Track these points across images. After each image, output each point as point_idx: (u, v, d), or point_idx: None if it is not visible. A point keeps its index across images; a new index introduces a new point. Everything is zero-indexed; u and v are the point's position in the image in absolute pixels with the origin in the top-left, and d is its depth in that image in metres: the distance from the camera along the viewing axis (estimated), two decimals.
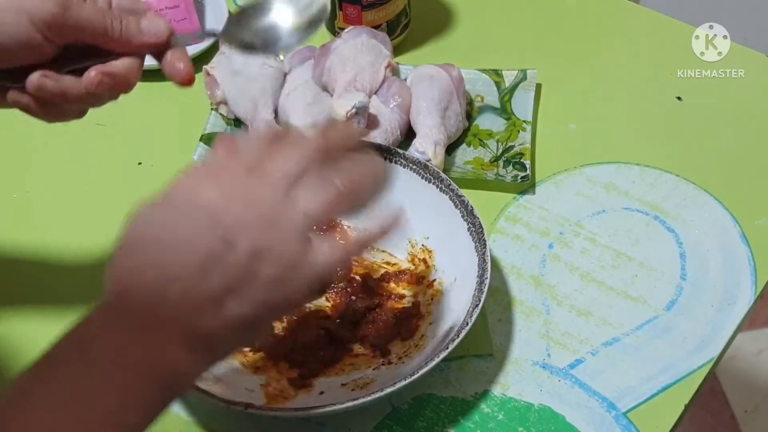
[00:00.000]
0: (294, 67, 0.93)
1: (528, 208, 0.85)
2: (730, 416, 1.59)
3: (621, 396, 0.72)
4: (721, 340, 0.75)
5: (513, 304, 0.78)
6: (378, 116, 0.87)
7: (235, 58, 0.92)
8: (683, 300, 0.78)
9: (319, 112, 0.89)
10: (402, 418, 0.71)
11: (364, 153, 0.56)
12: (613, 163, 0.89)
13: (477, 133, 0.91)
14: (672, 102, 0.95)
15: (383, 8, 0.97)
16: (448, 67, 0.91)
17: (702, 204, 0.85)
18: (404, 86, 0.90)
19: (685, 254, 0.81)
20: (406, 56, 1.01)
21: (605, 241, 0.82)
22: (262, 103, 0.89)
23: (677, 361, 0.74)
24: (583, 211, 0.85)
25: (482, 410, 0.71)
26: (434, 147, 0.84)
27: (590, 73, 0.99)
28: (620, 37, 1.05)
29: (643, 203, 0.85)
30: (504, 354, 0.75)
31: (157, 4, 1.00)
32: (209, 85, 0.93)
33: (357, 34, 0.92)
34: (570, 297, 0.78)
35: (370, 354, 0.73)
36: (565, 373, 0.73)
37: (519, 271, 0.80)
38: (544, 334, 0.76)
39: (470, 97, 0.94)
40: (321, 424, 0.70)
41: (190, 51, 0.99)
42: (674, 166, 0.88)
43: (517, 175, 0.85)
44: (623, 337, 0.76)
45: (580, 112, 0.94)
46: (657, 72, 0.98)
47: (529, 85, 0.93)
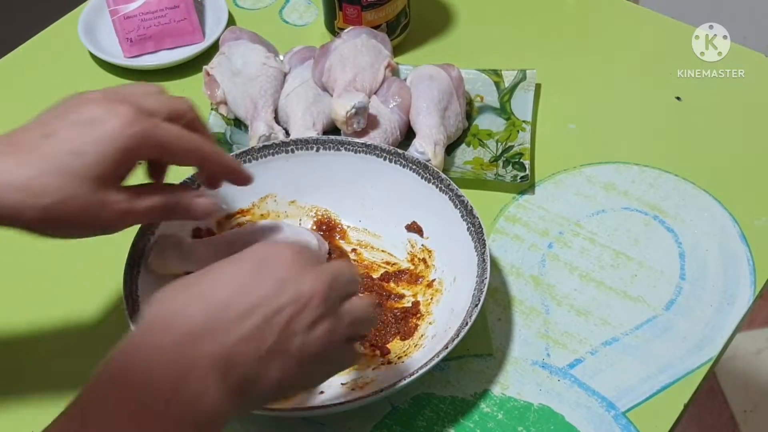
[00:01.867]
0: (294, 67, 0.93)
1: (527, 208, 0.85)
2: (729, 416, 1.59)
3: (620, 395, 0.72)
4: (720, 340, 0.75)
5: (512, 304, 0.78)
6: (378, 116, 0.87)
7: (235, 59, 0.92)
8: (682, 300, 0.78)
9: (319, 112, 0.89)
10: (402, 417, 0.71)
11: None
12: (613, 163, 0.89)
13: (476, 133, 0.91)
14: (671, 102, 0.95)
15: (383, 8, 0.97)
16: (448, 67, 0.91)
17: (701, 204, 0.85)
18: (404, 86, 0.90)
19: (684, 254, 0.81)
20: (406, 56, 1.01)
21: (605, 240, 0.82)
22: (262, 103, 0.89)
23: (676, 361, 0.74)
24: (583, 211, 0.85)
25: (482, 410, 0.71)
26: (434, 147, 0.84)
27: (590, 73, 0.99)
28: (620, 38, 1.05)
29: (642, 203, 0.85)
30: (503, 354, 0.75)
31: (157, 5, 1.01)
32: (209, 85, 0.93)
33: (357, 35, 0.92)
34: (569, 297, 0.78)
35: (370, 353, 0.73)
36: (565, 373, 0.73)
37: (518, 270, 0.80)
38: (544, 334, 0.76)
39: (470, 97, 0.94)
40: (321, 424, 0.70)
41: (189, 51, 1.00)
42: (674, 166, 0.88)
43: (517, 175, 0.85)
44: (622, 336, 0.76)
45: (579, 112, 0.95)
46: (657, 72, 0.98)
47: (529, 85, 0.93)
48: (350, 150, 0.80)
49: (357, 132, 0.86)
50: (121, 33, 1.01)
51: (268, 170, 0.80)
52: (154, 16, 1.01)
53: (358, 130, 0.86)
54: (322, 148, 0.81)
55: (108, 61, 1.00)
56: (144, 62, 1.01)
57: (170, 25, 1.01)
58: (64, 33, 1.06)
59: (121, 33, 1.01)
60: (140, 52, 1.02)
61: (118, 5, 1.00)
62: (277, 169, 0.81)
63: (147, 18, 1.01)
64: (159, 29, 1.01)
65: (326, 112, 0.89)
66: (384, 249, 0.81)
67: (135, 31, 1.01)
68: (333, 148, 0.81)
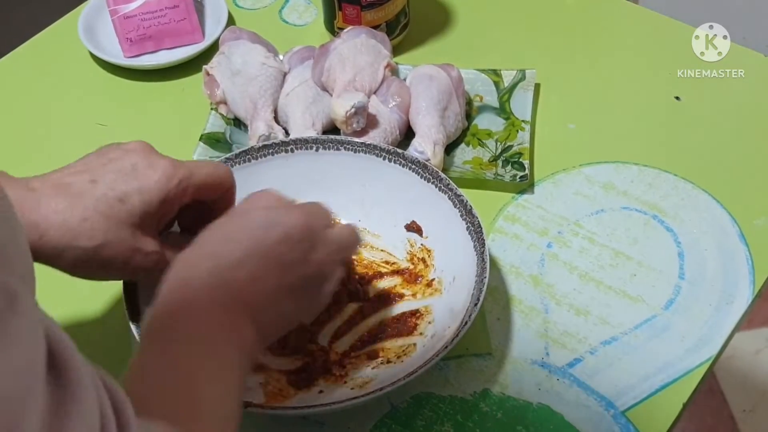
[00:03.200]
0: (293, 67, 0.93)
1: (527, 207, 0.85)
2: (729, 415, 1.59)
3: (619, 395, 0.72)
4: (719, 339, 0.75)
5: (512, 304, 0.78)
6: (377, 116, 0.87)
7: (234, 58, 0.92)
8: (681, 299, 0.78)
9: (319, 112, 0.89)
10: (401, 416, 0.71)
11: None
12: (612, 162, 0.89)
13: (476, 133, 0.91)
14: (671, 102, 0.95)
15: (382, 8, 0.97)
16: (447, 67, 0.91)
17: (700, 203, 0.85)
18: (403, 86, 0.90)
19: (683, 253, 0.81)
20: (406, 56, 1.01)
21: (604, 240, 0.82)
22: (262, 103, 0.89)
23: (675, 360, 0.74)
24: (582, 210, 0.85)
25: (481, 409, 0.71)
26: (433, 146, 0.84)
27: (589, 72, 0.99)
28: (620, 37, 1.05)
29: (641, 203, 0.85)
30: (503, 353, 0.75)
31: (157, 4, 1.01)
32: (209, 84, 0.93)
33: (356, 34, 0.92)
34: (568, 296, 0.78)
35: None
36: (564, 372, 0.74)
37: (518, 270, 0.80)
38: (543, 334, 0.76)
39: (469, 96, 0.94)
40: (320, 423, 0.70)
41: (189, 51, 1.01)
42: (673, 166, 0.88)
43: (516, 175, 0.85)
44: (622, 336, 0.76)
45: (578, 111, 0.95)
46: (656, 72, 0.98)
47: (528, 85, 0.93)
48: (350, 150, 0.81)
49: (356, 132, 0.86)
50: (121, 33, 1.01)
51: (268, 170, 0.80)
52: (153, 16, 1.01)
53: (358, 129, 0.86)
54: (322, 147, 0.81)
55: (108, 61, 1.00)
56: (144, 62, 1.01)
57: (170, 25, 1.01)
58: (64, 33, 1.06)
59: (120, 33, 1.01)
60: (140, 52, 1.02)
61: (118, 5, 1.00)
62: (276, 169, 0.81)
63: (147, 18, 1.01)
64: (159, 29, 1.01)
65: (326, 112, 0.89)
66: (383, 248, 0.81)
67: (135, 30, 1.01)
68: (332, 147, 0.81)
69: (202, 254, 0.58)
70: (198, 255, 0.58)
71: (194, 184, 0.64)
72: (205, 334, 0.54)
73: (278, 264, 0.58)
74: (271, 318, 0.58)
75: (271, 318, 0.58)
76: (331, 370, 0.72)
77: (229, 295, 0.56)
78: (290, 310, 0.60)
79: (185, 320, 0.54)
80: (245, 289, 0.56)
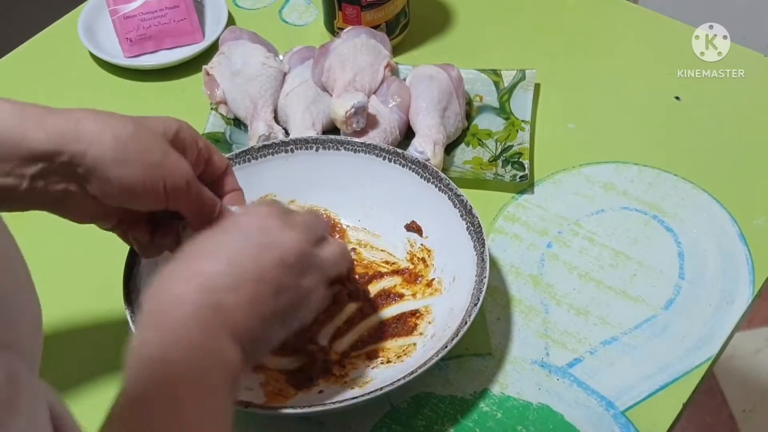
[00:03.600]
0: (293, 67, 0.93)
1: (527, 207, 0.85)
2: (728, 415, 1.59)
3: (619, 395, 0.72)
4: (719, 339, 0.75)
5: (512, 304, 0.78)
6: (377, 116, 0.87)
7: (234, 59, 0.92)
8: (681, 299, 0.78)
9: (319, 112, 0.89)
10: (401, 416, 0.71)
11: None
12: (612, 162, 0.89)
13: (476, 133, 0.91)
14: (671, 102, 0.95)
15: (382, 8, 0.97)
16: (447, 67, 0.91)
17: (700, 203, 0.85)
18: (403, 86, 0.90)
19: (683, 253, 0.81)
20: (405, 56, 1.01)
21: (604, 240, 0.82)
22: (262, 103, 0.89)
23: (675, 360, 0.74)
24: (582, 210, 0.85)
25: (481, 409, 0.71)
26: (433, 146, 0.84)
27: (589, 73, 0.99)
28: (620, 37, 1.05)
29: (641, 203, 0.85)
30: (503, 353, 0.75)
31: (157, 4, 1.01)
32: (209, 85, 0.93)
33: (356, 34, 0.92)
34: (568, 296, 0.78)
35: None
36: (564, 372, 0.74)
37: (518, 270, 0.80)
38: (543, 333, 0.76)
39: (469, 96, 0.94)
40: (320, 423, 0.71)
41: (189, 51, 1.01)
42: (673, 166, 0.88)
43: (516, 175, 0.85)
44: (622, 336, 0.76)
45: (578, 111, 0.95)
46: (656, 72, 0.98)
47: (528, 85, 0.93)
48: (350, 150, 0.81)
49: (356, 132, 0.86)
50: (121, 33, 1.01)
51: (268, 170, 0.80)
52: (153, 16, 1.01)
53: (358, 129, 0.86)
54: (322, 147, 0.81)
55: (108, 60, 1.00)
56: (144, 62, 1.01)
57: (170, 25, 1.01)
58: (64, 33, 1.06)
59: (120, 33, 1.01)
60: (140, 52, 1.02)
61: (117, 5, 1.00)
62: (276, 169, 0.81)
63: (147, 18, 1.01)
64: (159, 29, 1.01)
65: (326, 112, 0.89)
66: (383, 248, 0.81)
67: (135, 30, 1.01)
68: (332, 147, 0.81)
69: (193, 271, 0.57)
70: (189, 271, 0.57)
71: (191, 134, 0.65)
72: (193, 359, 0.53)
73: (271, 289, 0.58)
74: (258, 341, 0.58)
75: (258, 341, 0.58)
76: (331, 370, 0.72)
77: (218, 318, 0.55)
78: (276, 332, 0.60)
79: (172, 346, 0.53)
80: (235, 313, 0.56)
